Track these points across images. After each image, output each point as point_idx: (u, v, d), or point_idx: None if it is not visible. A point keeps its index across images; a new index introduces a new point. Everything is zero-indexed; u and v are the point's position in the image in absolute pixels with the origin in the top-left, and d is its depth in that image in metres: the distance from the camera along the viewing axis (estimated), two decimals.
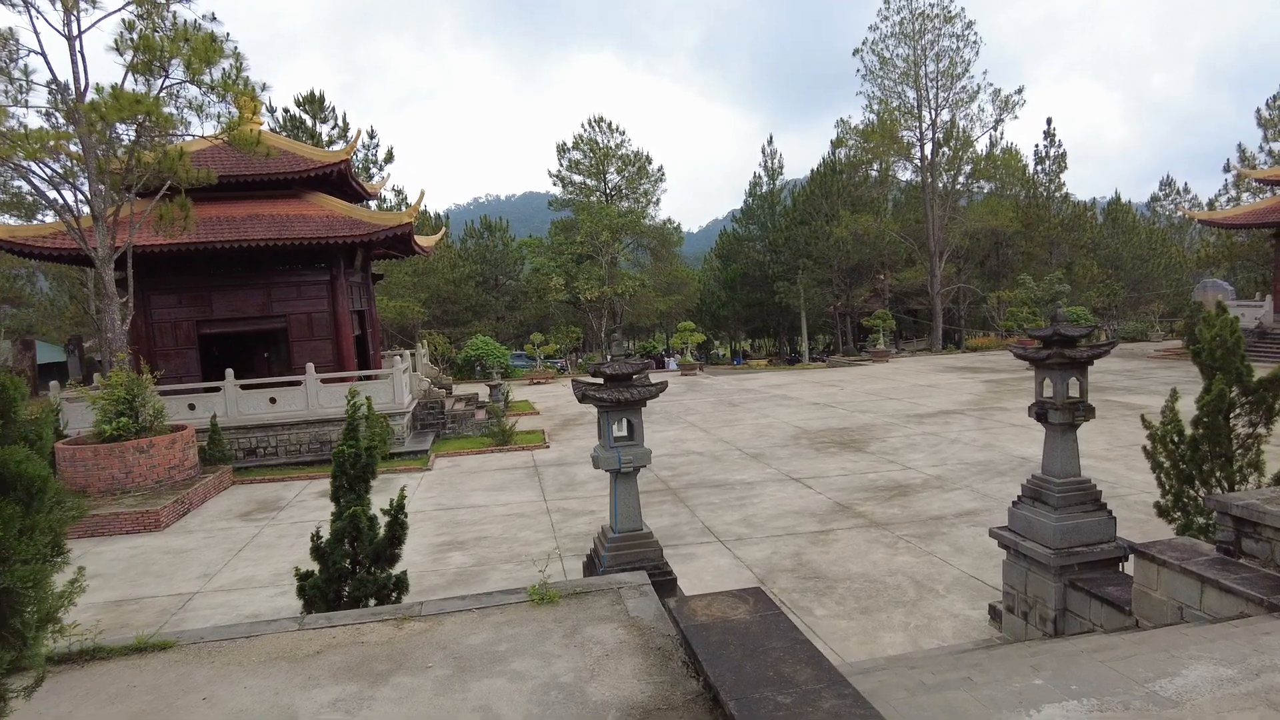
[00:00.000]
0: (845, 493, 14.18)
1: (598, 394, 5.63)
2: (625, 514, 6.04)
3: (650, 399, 5.84)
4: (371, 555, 5.53)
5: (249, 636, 4.16)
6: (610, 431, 5.89)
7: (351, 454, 5.62)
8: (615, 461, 5.88)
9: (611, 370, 5.68)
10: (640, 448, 5.95)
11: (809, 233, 52.26)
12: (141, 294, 20.86)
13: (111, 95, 13.67)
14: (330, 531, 5.61)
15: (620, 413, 5.83)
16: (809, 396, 28.08)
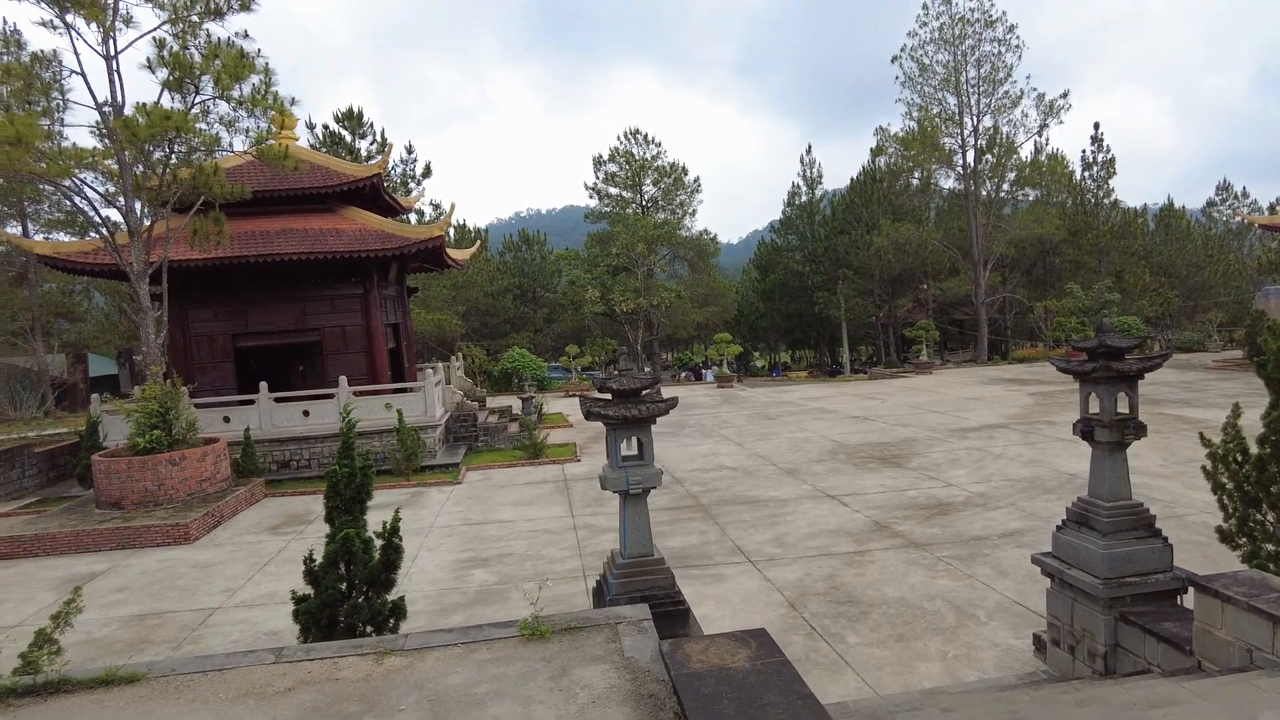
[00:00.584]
0: (883, 511, 13.62)
1: (603, 410, 5.30)
2: (634, 539, 5.69)
3: (660, 415, 5.50)
4: (366, 580, 5.27)
5: (221, 669, 3.90)
6: (618, 450, 5.56)
7: (345, 474, 5.37)
8: (623, 482, 5.54)
9: (619, 385, 5.35)
10: (650, 468, 5.60)
11: (849, 242, 51.44)
12: (179, 308, 21.16)
13: (142, 112, 13.84)
14: (324, 554, 5.36)
15: (628, 430, 5.49)
16: (848, 409, 27.40)
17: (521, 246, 61.32)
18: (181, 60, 14.10)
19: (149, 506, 15.16)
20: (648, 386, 5.48)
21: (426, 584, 11.25)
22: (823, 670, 7.83)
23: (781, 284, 59.74)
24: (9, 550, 13.95)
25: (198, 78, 14.44)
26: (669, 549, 12.11)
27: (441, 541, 13.45)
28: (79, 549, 13.85)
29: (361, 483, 5.45)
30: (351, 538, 5.24)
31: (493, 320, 54.61)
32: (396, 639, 4.08)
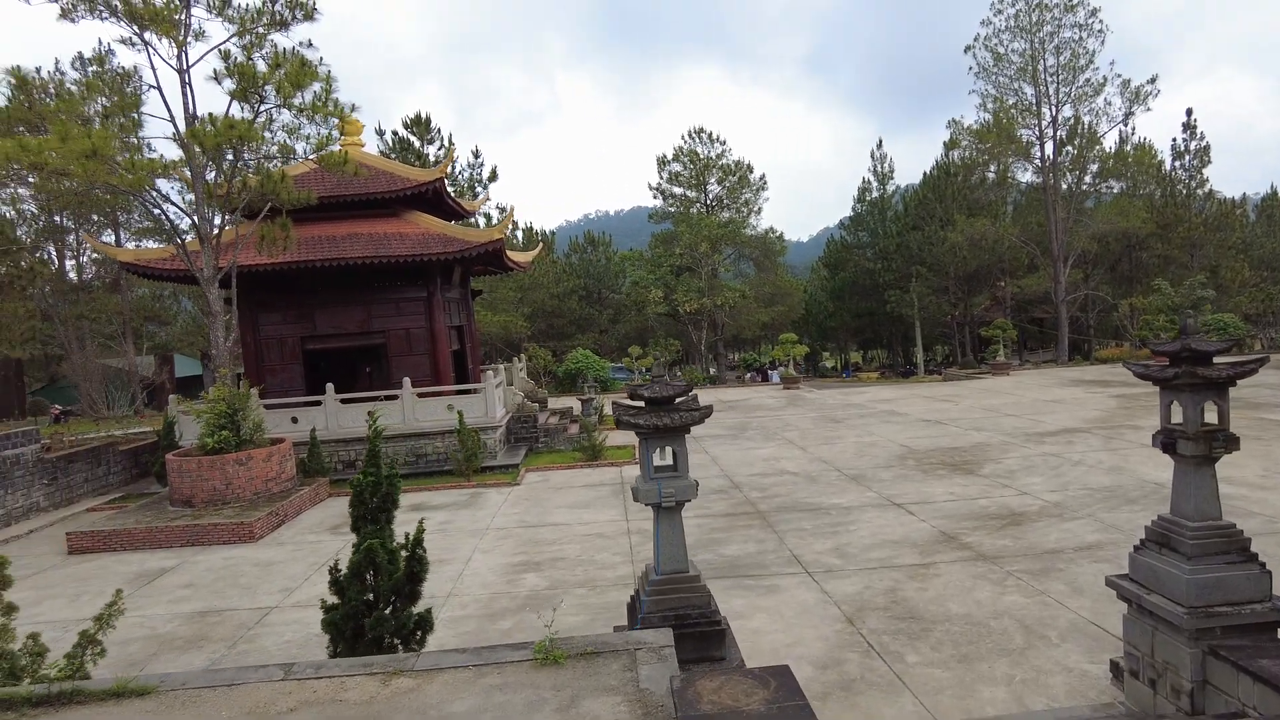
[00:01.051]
0: (951, 521, 12.98)
1: (634, 419, 5.06)
2: (668, 553, 5.43)
3: (695, 424, 5.22)
4: (390, 591, 5.14)
5: (231, 685, 3.81)
6: (650, 461, 5.30)
7: (370, 483, 5.26)
8: (655, 495, 5.28)
9: (651, 393, 5.10)
10: (684, 479, 5.32)
11: (922, 238, 49.93)
12: (250, 311, 21.82)
13: (209, 122, 14.27)
14: (348, 564, 5.26)
15: (661, 440, 5.23)
16: (919, 412, 26.47)
17: (587, 248, 61.61)
18: (245, 70, 14.51)
19: (217, 505, 15.62)
20: (681, 394, 5.21)
21: (478, 587, 11.21)
22: (878, 691, 7.41)
23: (851, 282, 58.45)
24: (91, 545, 14.55)
25: (261, 87, 14.83)
26: (723, 557, 11.78)
27: (496, 544, 13.43)
28: (152, 545, 14.34)
29: (387, 491, 5.33)
30: (375, 548, 5.13)
31: (559, 322, 54.99)
32: (408, 658, 3.92)
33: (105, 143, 12.78)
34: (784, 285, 56.77)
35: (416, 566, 5.23)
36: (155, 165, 14.39)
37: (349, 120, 23.92)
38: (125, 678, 4.03)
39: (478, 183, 45.74)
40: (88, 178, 13.02)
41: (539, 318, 52.40)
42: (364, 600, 5.10)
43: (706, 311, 47.25)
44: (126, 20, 15.47)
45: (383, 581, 5.10)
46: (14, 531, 16.42)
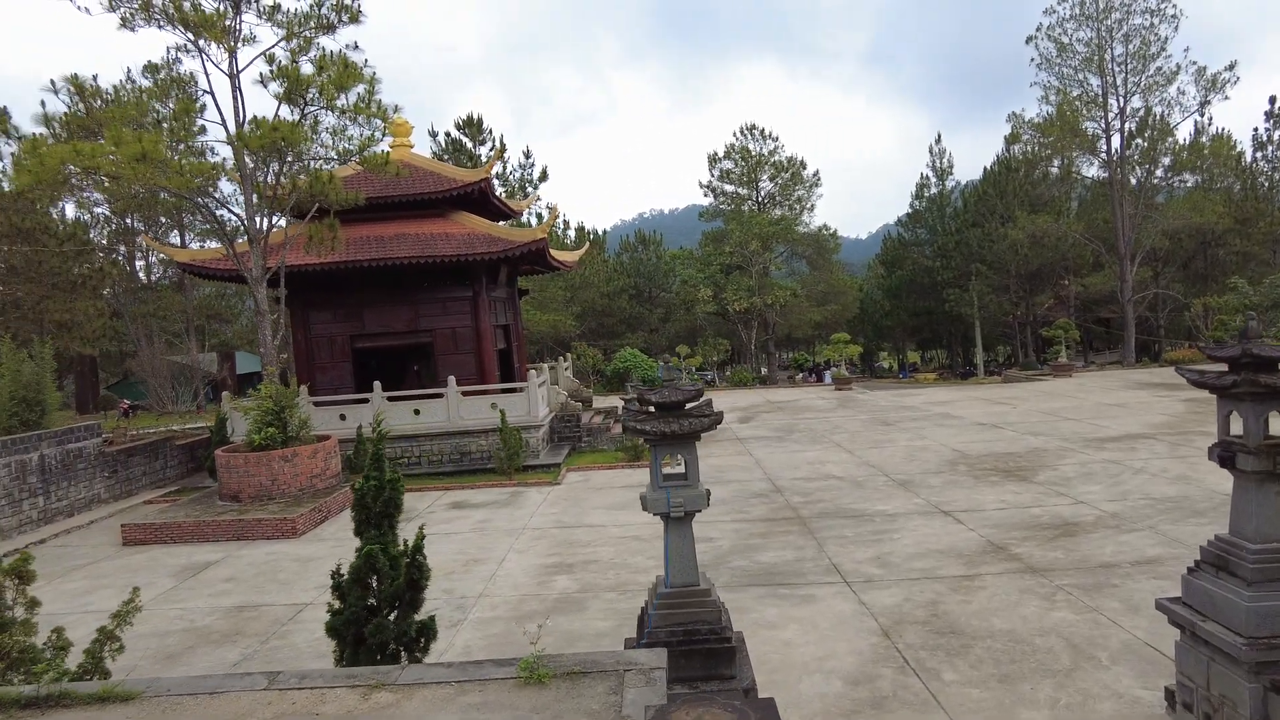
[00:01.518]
0: (1001, 530, 12.43)
1: (640, 425, 4.85)
2: (678, 566, 5.21)
3: (705, 431, 4.99)
4: (390, 599, 5.04)
5: (214, 693, 3.74)
6: (659, 469, 5.09)
7: (373, 488, 5.17)
8: (663, 504, 5.06)
9: (659, 398, 4.89)
10: (694, 489, 5.09)
11: (982, 235, 48.42)
12: (301, 310, 22.27)
13: (253, 124, 14.56)
14: (348, 569, 5.18)
15: (670, 447, 5.01)
16: (974, 415, 25.62)
17: (638, 247, 61.53)
18: (290, 73, 14.75)
19: (263, 500, 15.92)
20: (691, 398, 4.99)
21: (509, 589, 11.14)
22: (910, 710, 7.06)
23: (909, 280, 57.09)
24: (144, 537, 14.97)
25: (305, 90, 15.07)
26: (759, 564, 11.49)
27: (531, 544, 13.37)
28: (200, 538, 14.69)
29: (390, 496, 5.23)
30: (375, 554, 5.04)
31: (609, 321, 55.05)
32: (392, 671, 3.80)
33: (154, 147, 13.14)
34: (838, 283, 55.79)
35: (416, 574, 5.12)
36: (202, 167, 14.77)
37: (397, 122, 24.25)
38: (112, 683, 3.99)
39: (529, 183, 46.06)
40: (138, 180, 13.44)
41: (589, 317, 52.51)
42: (365, 606, 5.01)
43: (757, 310, 46.67)
44: (180, 28, 15.89)
45: (385, 588, 5.01)
46: (76, 522, 17.03)
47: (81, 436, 17.93)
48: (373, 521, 5.20)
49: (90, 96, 14.34)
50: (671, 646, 4.80)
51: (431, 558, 12.86)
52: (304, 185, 17.50)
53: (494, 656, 8.89)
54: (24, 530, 16.28)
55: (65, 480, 17.37)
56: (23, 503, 16.30)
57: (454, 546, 13.50)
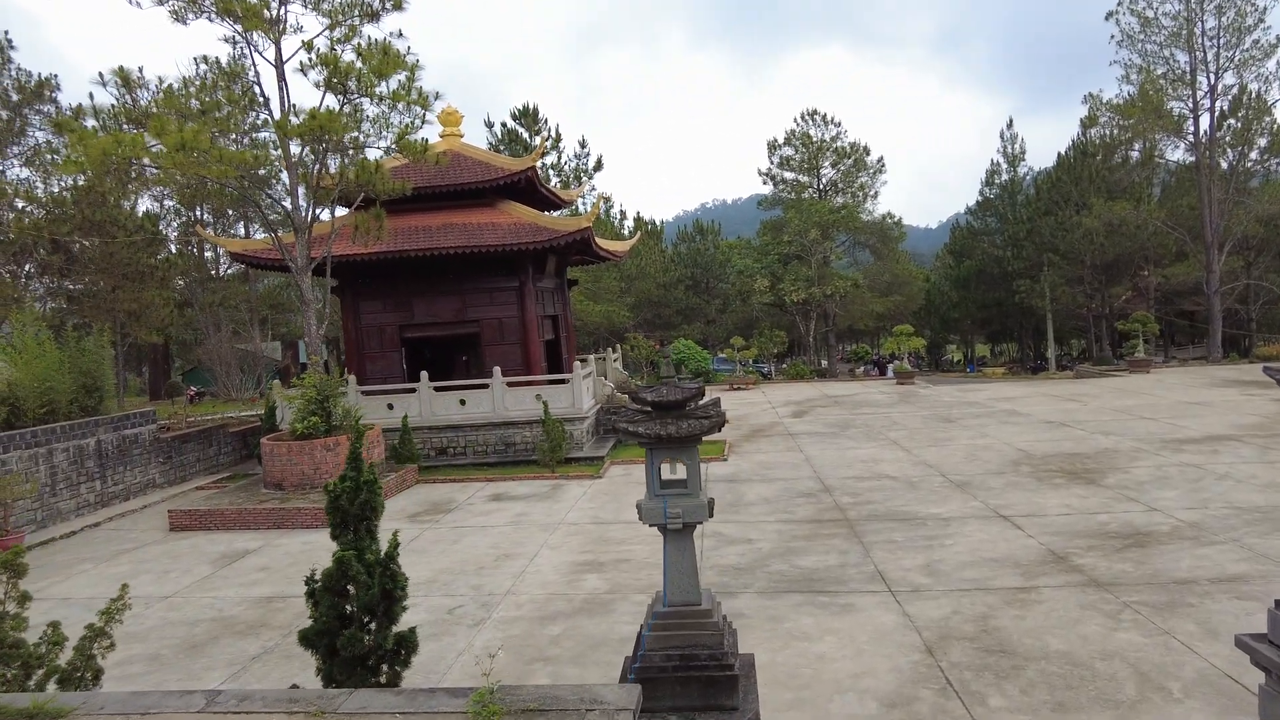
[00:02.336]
0: (1063, 538, 11.54)
1: (634, 428, 4.38)
2: (676, 583, 4.72)
3: (706, 434, 4.49)
4: (363, 609, 4.70)
5: (145, 713, 3.45)
6: (655, 475, 4.61)
7: (347, 488, 4.82)
8: (659, 514, 4.58)
9: (656, 397, 4.41)
10: (694, 498, 4.60)
11: (1055, 224, 46.19)
12: (352, 300, 22.41)
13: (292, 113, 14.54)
14: (321, 575, 4.85)
15: (667, 452, 4.53)
16: (1042, 413, 24.32)
17: (695, 237, 60.83)
18: (329, 60, 14.68)
19: (305, 489, 15.98)
20: (692, 398, 4.49)
21: (537, 587, 10.81)
22: None
23: (978, 271, 55.06)
24: (188, 523, 15.19)
25: (345, 77, 14.99)
26: (798, 569, 10.89)
27: (565, 540, 13.03)
28: (241, 526, 14.81)
29: (367, 499, 4.88)
30: (349, 561, 4.69)
31: (665, 312, 54.57)
32: (338, 696, 3.43)
33: (194, 137, 13.23)
34: (902, 274, 54.12)
35: (389, 584, 4.75)
36: (240, 156, 14.84)
37: (447, 111, 24.20)
38: (44, 697, 3.75)
39: (584, 173, 45.82)
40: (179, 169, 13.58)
41: (644, 307, 52.11)
42: (338, 616, 4.68)
43: (816, 301, 45.50)
44: (228, 19, 15.98)
45: (360, 596, 4.66)
46: (130, 506, 17.44)
47: (137, 423, 18.35)
48: (349, 525, 4.86)
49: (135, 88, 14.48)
50: (666, 672, 4.35)
51: (464, 552, 12.70)
52: (351, 175, 17.48)
53: (512, 659, 8.57)
54: (81, 513, 16.72)
55: (121, 465, 17.79)
56: (80, 486, 16.74)
57: (488, 540, 13.26)
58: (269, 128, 15.53)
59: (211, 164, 13.87)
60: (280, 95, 15.85)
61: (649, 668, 4.49)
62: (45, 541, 14.96)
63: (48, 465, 15.92)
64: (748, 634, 8.75)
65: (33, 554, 14.38)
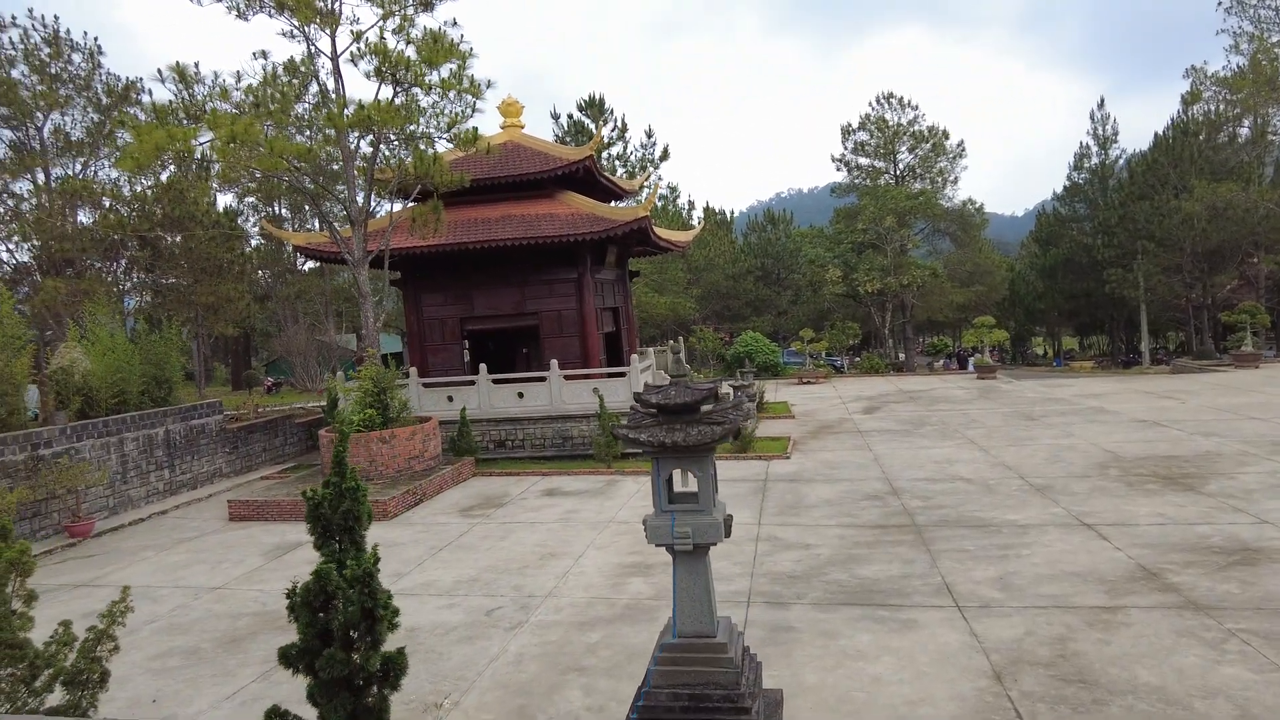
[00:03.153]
0: (1157, 551, 10.46)
1: (635, 434, 3.84)
2: (687, 611, 4.15)
3: (719, 441, 3.90)
4: (343, 629, 4.30)
5: None
6: (662, 489, 4.05)
7: (329, 495, 4.43)
8: (666, 534, 4.03)
9: (662, 399, 3.86)
10: (707, 515, 4.02)
11: (1150, 209, 43.23)
12: (414, 293, 22.48)
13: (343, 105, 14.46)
14: (299, 589, 4.48)
15: (675, 462, 3.97)
16: (1134, 411, 22.66)
17: (766, 226, 59.58)
18: (379, 49, 14.56)
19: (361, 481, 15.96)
20: (703, 399, 3.92)
21: (580, 589, 10.38)
22: None
23: (1065, 259, 52.13)
24: (247, 513, 15.37)
25: (395, 67, 14.84)
26: (858, 579, 10.16)
27: (614, 539, 12.58)
28: (296, 517, 14.87)
29: (349, 508, 4.48)
30: (328, 575, 4.30)
31: (734, 303, 53.63)
32: None
33: (245, 130, 13.29)
34: (984, 263, 51.78)
35: (369, 603, 4.33)
36: (295, 149, 14.86)
37: (507, 102, 24.02)
38: None
39: (649, 162, 45.27)
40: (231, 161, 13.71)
41: (713, 299, 51.30)
42: (318, 634, 4.30)
43: (891, 292, 43.86)
44: (285, 14, 16.03)
45: (340, 614, 4.27)
46: (197, 494, 17.83)
47: (204, 414, 18.77)
48: (331, 535, 4.47)
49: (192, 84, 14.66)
50: (673, 713, 3.82)
51: (511, 549, 12.38)
52: (409, 168, 17.41)
53: (546, 668, 8.15)
54: (150, 501, 17.17)
55: (189, 455, 18.21)
56: (150, 475, 17.18)
57: (536, 538, 12.92)
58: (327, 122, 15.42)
59: (262, 156, 13.95)
60: (336, 88, 15.84)
61: (654, 706, 3.96)
62: (115, 528, 15.37)
63: (119, 454, 16.37)
64: (796, 650, 8.13)
65: (101, 540, 14.84)
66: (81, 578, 12.48)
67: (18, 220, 28.98)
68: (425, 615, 9.84)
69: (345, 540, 4.39)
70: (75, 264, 29.23)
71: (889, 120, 49.49)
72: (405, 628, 9.52)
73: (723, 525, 4.13)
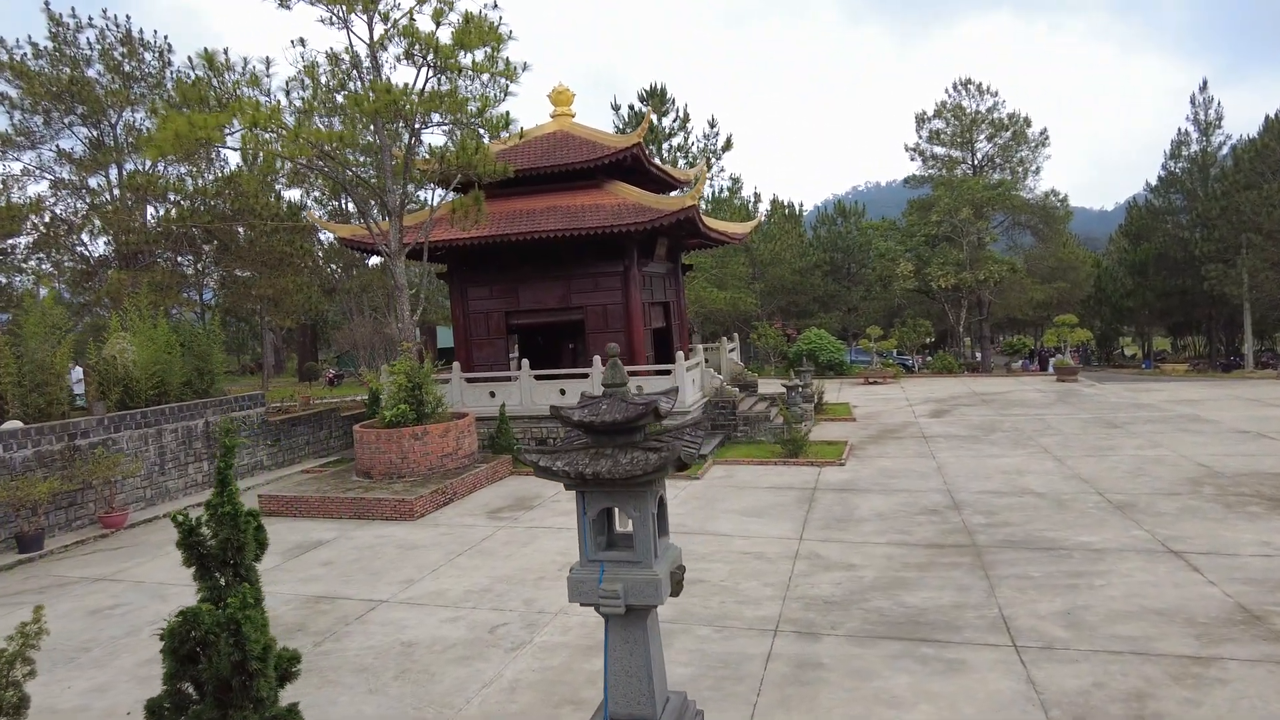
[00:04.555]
0: (1261, 589, 9.02)
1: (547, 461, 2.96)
2: (622, 690, 3.23)
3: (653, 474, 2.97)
4: (214, 684, 3.56)
5: None
6: (588, 532, 3.16)
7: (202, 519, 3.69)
8: (591, 590, 3.13)
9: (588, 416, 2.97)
10: (646, 569, 3.08)
11: (1258, 199, 39.78)
12: (459, 286, 22.05)
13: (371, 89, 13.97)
14: (165, 631, 3.76)
15: (606, 498, 3.07)
16: (1232, 420, 20.57)
17: (837, 219, 57.57)
18: (407, 30, 14.01)
19: (391, 478, 15.56)
20: (640, 417, 3.02)
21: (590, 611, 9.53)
22: None
23: (1158, 254, 48.67)
24: (277, 508, 15.11)
25: (426, 49, 14.27)
26: (903, 607, 9.04)
27: None
28: (323, 514, 14.53)
29: (228, 537, 3.74)
30: (199, 616, 3.57)
31: (801, 299, 51.95)
32: None
33: (269, 117, 12.91)
34: (1068, 258, 48.73)
35: (237, 654, 3.56)
36: (326, 135, 14.45)
37: (558, 90, 23.37)
38: None
39: (712, 153, 44.06)
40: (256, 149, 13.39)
41: (778, 294, 49.75)
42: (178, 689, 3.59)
43: (967, 287, 41.59)
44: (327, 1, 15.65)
45: (211, 664, 3.54)
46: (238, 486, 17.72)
47: (246, 405, 18.70)
48: (209, 568, 3.75)
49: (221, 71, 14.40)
50: None
51: (530, 557, 11.64)
52: (451, 158, 16.89)
53: (541, 699, 7.37)
54: (189, 492, 17.14)
55: None
56: (188, 466, 17.15)
57: (559, 545, 12.17)
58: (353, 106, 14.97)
59: (286, 143, 13.60)
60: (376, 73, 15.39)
61: None
62: (150, 519, 15.32)
63: (157, 445, 16.36)
64: (823, 693, 7.13)
65: (133, 532, 14.76)
66: (103, 570, 12.33)
67: (93, 214, 29.85)
68: (426, 629, 9.19)
69: (229, 575, 3.66)
70: (144, 256, 29.95)
71: (966, 107, 46.97)
72: (403, 642, 8.91)
73: (665, 582, 3.21)
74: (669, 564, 3.38)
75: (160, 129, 13.17)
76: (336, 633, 9.26)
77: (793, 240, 50.44)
